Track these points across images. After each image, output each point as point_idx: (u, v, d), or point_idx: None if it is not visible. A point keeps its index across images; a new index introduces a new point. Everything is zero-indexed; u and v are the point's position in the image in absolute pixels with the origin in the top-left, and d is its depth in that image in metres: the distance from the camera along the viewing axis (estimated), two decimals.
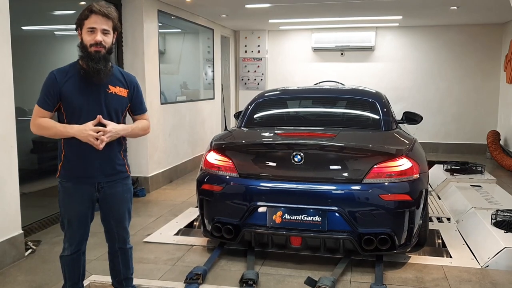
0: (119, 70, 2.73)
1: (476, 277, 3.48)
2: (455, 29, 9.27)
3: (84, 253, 2.78)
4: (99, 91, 2.56)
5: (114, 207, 2.71)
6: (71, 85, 2.52)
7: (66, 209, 2.65)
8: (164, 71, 6.71)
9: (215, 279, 3.45)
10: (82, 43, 2.52)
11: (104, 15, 2.49)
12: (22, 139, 3.90)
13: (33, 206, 4.46)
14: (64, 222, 2.67)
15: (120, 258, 2.83)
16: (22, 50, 4.10)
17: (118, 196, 2.71)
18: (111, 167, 2.65)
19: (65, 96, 2.51)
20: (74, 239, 2.68)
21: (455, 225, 4.65)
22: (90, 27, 2.49)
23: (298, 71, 10.04)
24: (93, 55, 2.48)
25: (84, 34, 2.51)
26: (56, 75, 2.53)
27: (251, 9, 7.24)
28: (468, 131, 9.51)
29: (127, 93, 2.68)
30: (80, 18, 2.52)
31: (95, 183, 2.62)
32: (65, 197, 2.63)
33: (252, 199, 3.67)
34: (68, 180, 2.61)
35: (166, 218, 4.97)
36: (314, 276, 3.38)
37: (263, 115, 4.66)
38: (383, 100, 4.50)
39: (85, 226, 2.69)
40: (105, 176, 2.64)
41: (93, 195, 2.64)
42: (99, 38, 2.48)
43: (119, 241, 2.79)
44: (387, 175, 3.52)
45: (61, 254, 2.73)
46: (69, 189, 2.62)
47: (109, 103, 2.59)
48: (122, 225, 2.76)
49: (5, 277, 3.48)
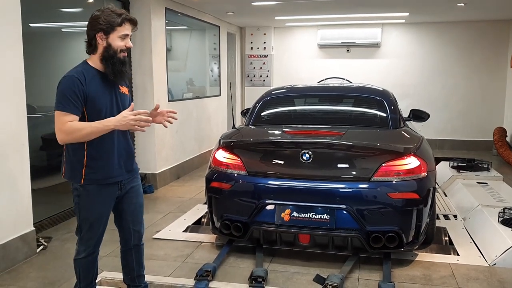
0: None
1: (483, 275, 3.50)
2: (462, 25, 9.24)
3: (98, 254, 2.80)
4: (115, 92, 2.62)
5: (132, 201, 2.77)
6: (94, 86, 2.52)
7: (89, 212, 2.62)
8: (171, 68, 6.75)
9: (225, 276, 3.50)
10: (111, 47, 2.53)
11: (135, 24, 2.63)
12: (32, 136, 3.94)
13: (44, 202, 4.51)
14: (82, 226, 2.64)
15: (134, 256, 2.87)
16: (31, 47, 4.14)
17: (135, 191, 2.78)
18: (131, 162, 2.73)
19: (91, 97, 2.49)
20: (91, 241, 2.68)
21: (462, 222, 4.66)
22: (124, 34, 2.56)
23: (303, 68, 10.05)
24: (122, 60, 2.57)
25: (114, 39, 2.53)
26: (79, 78, 2.46)
27: (257, 6, 7.25)
28: (474, 127, 9.50)
29: (128, 91, 2.77)
30: (112, 23, 2.50)
31: (119, 181, 2.67)
32: (89, 200, 2.60)
33: (260, 197, 3.70)
34: (93, 182, 2.57)
35: (175, 215, 5.02)
36: (323, 273, 3.42)
37: (270, 113, 4.68)
38: (390, 98, 4.51)
39: (104, 227, 2.71)
40: (127, 172, 2.70)
41: (116, 194, 2.68)
42: (131, 44, 2.60)
43: (134, 237, 2.83)
44: (395, 173, 3.54)
45: (76, 257, 2.71)
46: (94, 191, 2.58)
47: (122, 103, 2.65)
48: (139, 219, 2.83)
49: (18, 273, 3.54)
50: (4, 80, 3.55)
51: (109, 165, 2.60)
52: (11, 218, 3.65)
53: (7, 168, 3.61)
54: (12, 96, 3.63)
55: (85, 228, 2.64)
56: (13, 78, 3.64)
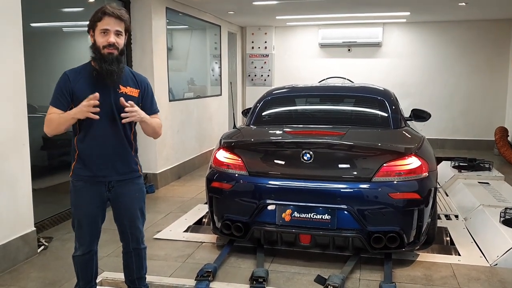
0: (130, 71, 2.74)
1: (485, 276, 3.49)
2: (463, 25, 9.22)
3: (96, 253, 2.80)
4: (109, 92, 2.56)
5: (126, 206, 2.72)
6: (83, 85, 2.53)
7: (76, 209, 2.67)
8: (172, 68, 6.74)
9: (225, 276, 3.49)
10: (95, 44, 2.52)
11: (117, 17, 2.49)
12: (32, 136, 3.94)
13: (44, 202, 4.51)
14: (74, 222, 2.69)
15: (134, 258, 2.84)
16: (31, 47, 4.14)
17: (130, 196, 2.72)
18: (124, 165, 2.67)
19: (77, 96, 2.52)
20: (84, 239, 2.69)
21: (463, 222, 4.66)
22: (103, 29, 2.49)
23: (305, 67, 10.03)
24: (106, 57, 2.48)
25: (97, 36, 2.51)
26: (68, 75, 2.56)
27: (258, 6, 7.25)
28: (475, 127, 9.48)
29: (138, 93, 2.68)
30: (93, 20, 2.52)
31: (106, 182, 2.64)
32: (76, 196, 2.65)
33: (261, 197, 3.70)
34: (80, 179, 2.63)
35: (175, 215, 5.02)
36: (324, 273, 3.42)
37: (271, 113, 4.67)
38: (391, 98, 4.50)
39: (95, 227, 2.70)
40: (118, 174, 2.65)
41: (104, 194, 2.65)
42: (112, 39, 2.48)
43: (133, 241, 2.80)
44: (396, 173, 3.54)
45: (73, 254, 2.75)
46: (80, 188, 2.63)
47: (119, 103, 2.56)
48: (135, 225, 2.77)
49: (19, 273, 3.54)
50: (5, 79, 3.55)
51: (97, 164, 2.59)
52: (12, 218, 3.65)
53: (8, 168, 3.60)
54: (12, 95, 3.63)
55: (75, 225, 2.69)
56: (14, 78, 3.64)
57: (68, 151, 2.73)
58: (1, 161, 3.54)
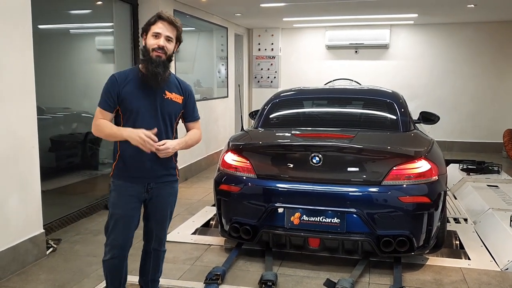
0: (176, 78, 2.80)
1: (495, 280, 3.46)
2: (471, 26, 9.17)
3: (126, 258, 2.77)
4: (155, 96, 2.62)
5: (159, 208, 2.76)
6: (130, 88, 2.60)
7: (115, 207, 2.68)
8: (179, 70, 6.74)
9: (234, 279, 3.48)
10: (145, 47, 2.59)
11: (170, 23, 2.58)
12: (41, 138, 3.94)
13: (53, 204, 4.52)
14: (109, 222, 2.69)
15: (152, 260, 2.88)
16: (41, 49, 4.14)
17: (165, 198, 2.77)
18: (164, 168, 2.71)
19: (123, 98, 2.58)
20: (117, 241, 2.68)
21: (473, 226, 4.62)
22: (155, 32, 2.56)
23: (311, 69, 10.02)
24: (153, 59, 2.54)
25: (148, 39, 2.59)
26: (117, 78, 2.61)
27: (265, 8, 7.24)
28: (483, 129, 9.43)
29: (182, 99, 2.74)
30: (148, 23, 2.60)
31: (145, 183, 2.67)
32: (115, 195, 2.68)
33: (270, 200, 3.69)
34: (120, 178, 2.67)
35: (183, 217, 5.01)
36: (333, 277, 3.40)
37: (279, 116, 4.66)
38: (400, 100, 4.48)
39: (129, 229, 2.69)
40: (157, 177, 2.69)
41: (142, 195, 2.68)
42: (162, 43, 2.55)
43: (155, 241, 2.83)
44: (406, 177, 3.52)
45: (103, 258, 2.74)
46: (120, 187, 2.67)
47: (164, 108, 2.64)
48: (162, 226, 2.83)
49: (28, 275, 3.54)
50: (14, 81, 3.56)
51: (138, 165, 2.63)
52: (21, 220, 3.66)
53: (17, 170, 3.61)
54: (22, 98, 3.64)
55: (111, 225, 2.68)
56: (23, 80, 3.64)
57: (75, 152, 2.75)
58: (11, 164, 3.55)
